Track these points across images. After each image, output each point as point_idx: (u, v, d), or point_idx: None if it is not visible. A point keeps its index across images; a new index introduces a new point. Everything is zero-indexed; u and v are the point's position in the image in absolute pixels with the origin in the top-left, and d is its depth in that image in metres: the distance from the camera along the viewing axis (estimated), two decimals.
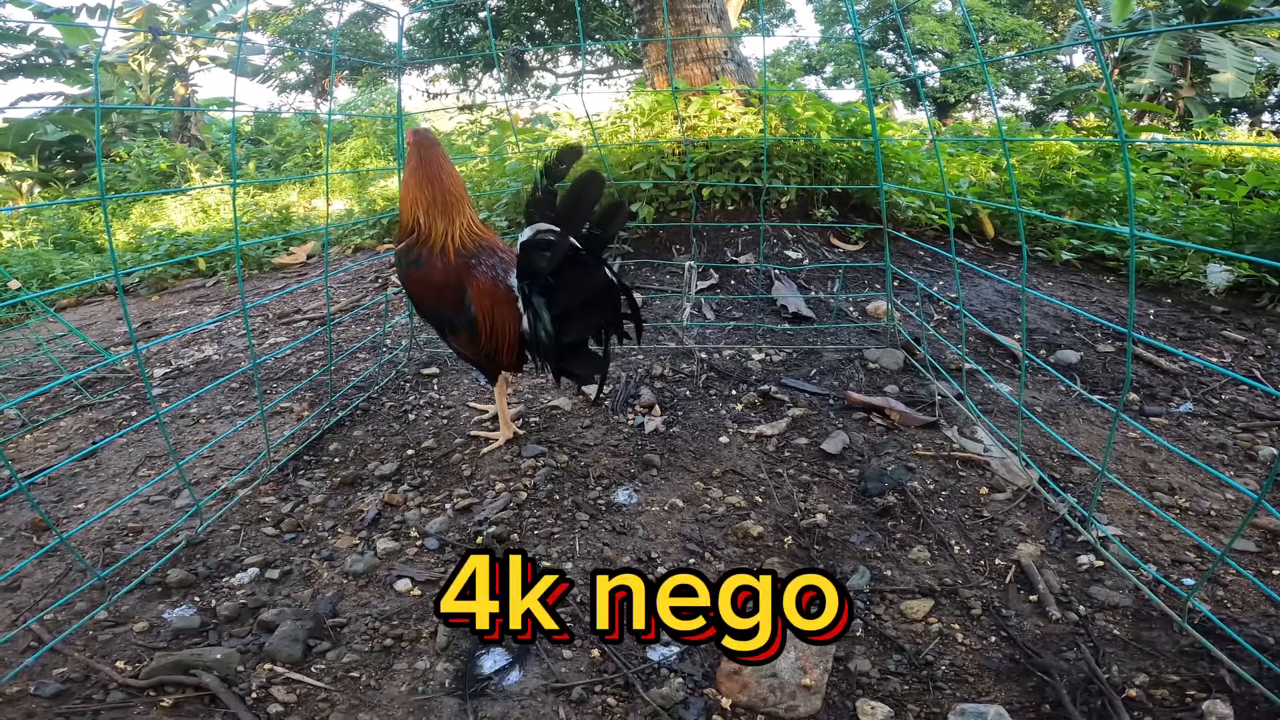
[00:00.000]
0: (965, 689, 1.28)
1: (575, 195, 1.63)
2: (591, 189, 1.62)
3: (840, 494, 1.84)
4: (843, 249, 3.64)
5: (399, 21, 3.14)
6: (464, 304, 1.89)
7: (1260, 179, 3.75)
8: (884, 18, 18.07)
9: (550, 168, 1.72)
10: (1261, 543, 1.63)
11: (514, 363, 1.94)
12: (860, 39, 2.71)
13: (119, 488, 2.00)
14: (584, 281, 1.68)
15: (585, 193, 1.63)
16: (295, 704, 1.26)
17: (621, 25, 13.07)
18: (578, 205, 1.63)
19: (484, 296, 1.87)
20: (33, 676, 1.31)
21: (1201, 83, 12.50)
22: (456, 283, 1.89)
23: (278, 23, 15.51)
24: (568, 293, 1.73)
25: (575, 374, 1.89)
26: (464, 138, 8.69)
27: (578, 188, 1.63)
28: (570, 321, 1.76)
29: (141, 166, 9.36)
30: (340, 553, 1.66)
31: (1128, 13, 10.59)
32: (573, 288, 1.71)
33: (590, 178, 1.62)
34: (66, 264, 5.29)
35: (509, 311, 1.86)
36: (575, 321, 1.75)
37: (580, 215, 1.64)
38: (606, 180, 2.16)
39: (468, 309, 1.88)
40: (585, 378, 1.95)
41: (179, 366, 2.92)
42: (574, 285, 1.70)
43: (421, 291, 1.96)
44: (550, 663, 1.34)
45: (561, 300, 1.74)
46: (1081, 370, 2.54)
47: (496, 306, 1.87)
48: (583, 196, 1.63)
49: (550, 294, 1.75)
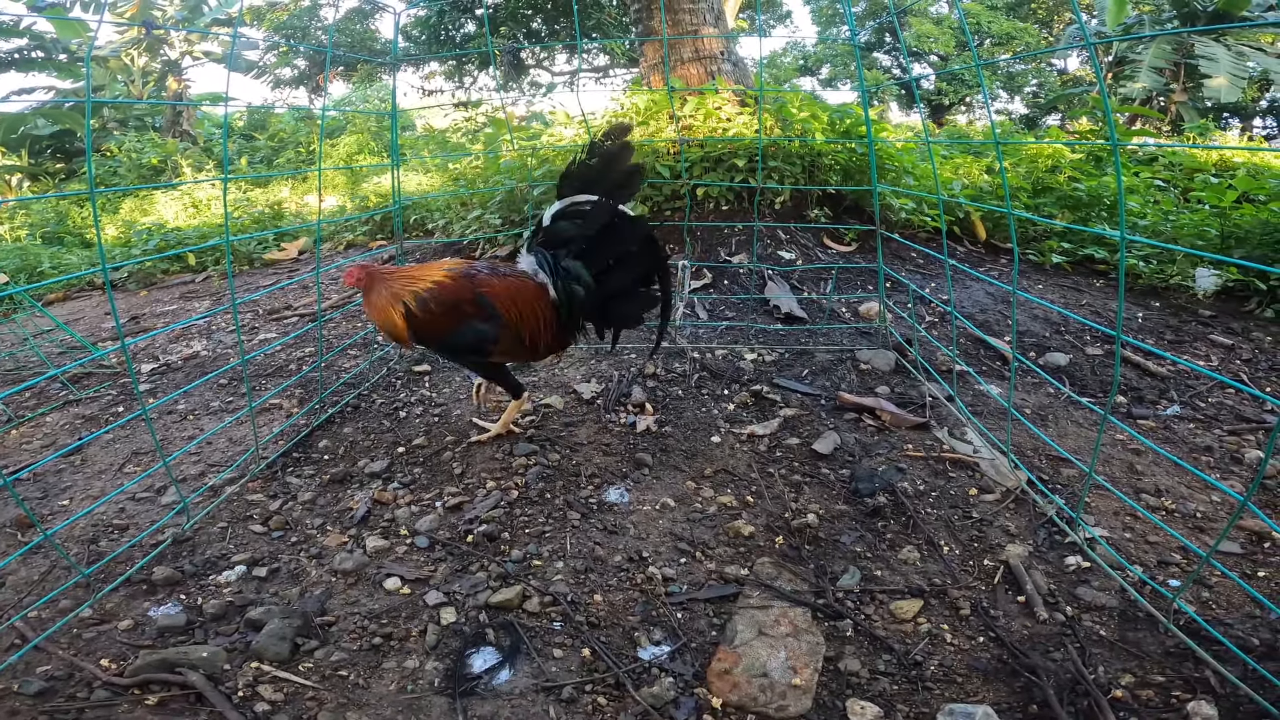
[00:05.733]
0: (954, 689, 1.28)
1: (605, 162, 1.84)
2: (623, 156, 1.83)
3: (831, 494, 1.85)
4: (836, 250, 3.64)
5: (395, 17, 3.12)
6: (488, 306, 1.88)
7: (1250, 184, 3.78)
8: (880, 20, 18.13)
9: (594, 145, 1.86)
10: (1247, 545, 1.64)
11: (556, 339, 1.98)
12: (856, 41, 2.72)
13: (105, 484, 1.98)
14: (626, 235, 1.86)
15: (616, 160, 1.83)
16: (283, 702, 1.25)
17: (618, 24, 13.05)
18: (606, 170, 1.84)
19: (497, 291, 1.91)
20: (16, 674, 1.30)
21: (1194, 87, 12.59)
22: (469, 293, 1.89)
23: (273, 18, 15.42)
24: (611, 246, 1.87)
25: (626, 315, 1.96)
26: (459, 135, 8.66)
27: (609, 154, 1.83)
28: (614, 273, 1.90)
29: (132, 161, 9.29)
30: (329, 551, 1.65)
31: (1123, 17, 10.67)
32: (614, 241, 1.87)
33: (623, 147, 1.83)
34: (55, 258, 5.25)
35: (528, 292, 1.92)
36: (619, 272, 1.90)
37: (608, 179, 1.84)
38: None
39: (493, 310, 1.88)
40: (635, 317, 1.98)
41: (167, 362, 2.90)
42: (615, 240, 1.87)
43: (444, 321, 1.88)
44: (540, 661, 1.34)
45: (603, 255, 1.88)
46: (1070, 373, 2.55)
47: (514, 295, 1.91)
48: (613, 163, 1.83)
49: (588, 255, 1.90)
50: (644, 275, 1.92)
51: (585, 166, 1.86)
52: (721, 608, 1.47)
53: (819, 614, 1.44)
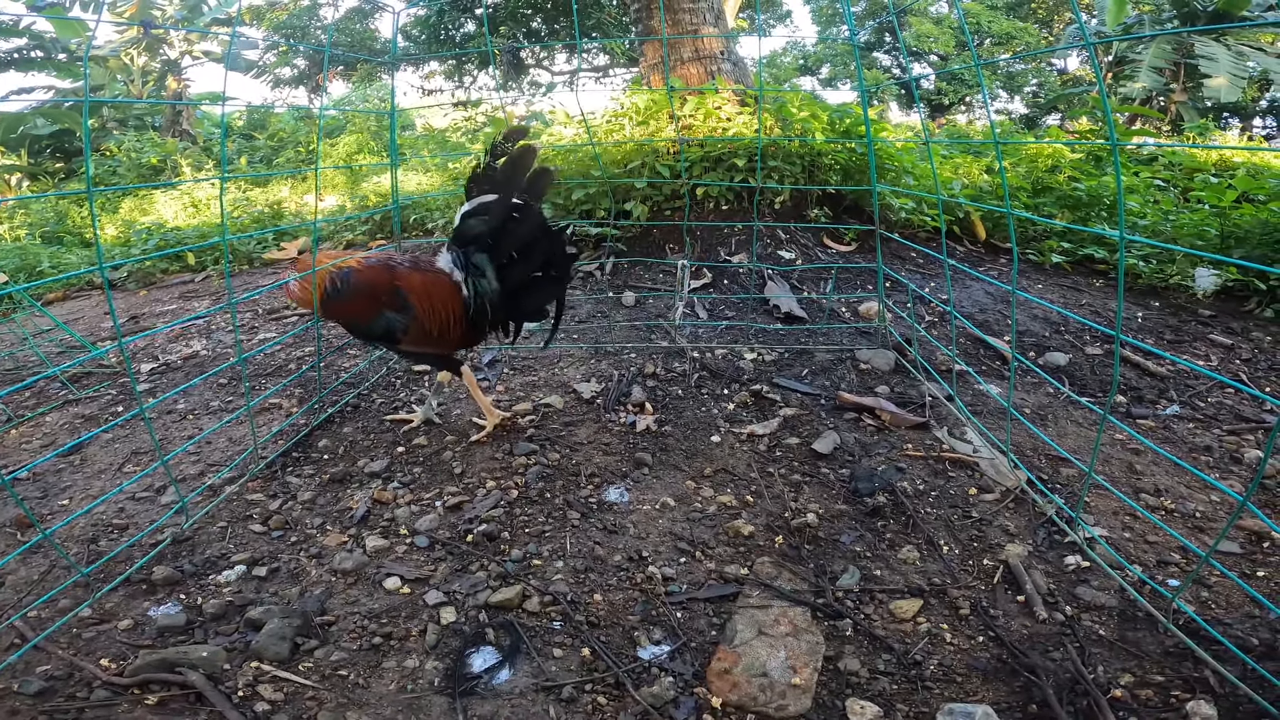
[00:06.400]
0: (953, 689, 1.28)
1: (512, 165, 1.92)
2: (526, 159, 1.91)
3: (831, 494, 1.85)
4: (835, 250, 3.64)
5: (394, 17, 3.11)
6: (402, 299, 1.95)
7: (1250, 184, 3.78)
8: (880, 19, 18.12)
9: (496, 146, 1.94)
10: (1246, 544, 1.64)
11: (464, 336, 2.04)
12: (856, 40, 2.72)
13: (104, 483, 1.98)
14: (523, 227, 1.94)
15: (520, 162, 1.91)
16: (282, 702, 1.25)
17: (618, 24, 13.04)
18: (514, 173, 1.91)
19: (414, 284, 1.97)
20: (16, 674, 1.30)
21: (1194, 87, 12.59)
22: (388, 282, 1.96)
23: (272, 17, 15.40)
24: (510, 240, 1.96)
25: (528, 310, 2.04)
26: (458, 135, 8.66)
27: (514, 158, 1.91)
28: (516, 265, 1.98)
29: (132, 161, 9.29)
30: (329, 550, 1.65)
31: (1123, 17, 10.66)
32: (513, 234, 1.95)
33: (525, 150, 1.91)
34: (54, 258, 5.25)
35: (442, 288, 1.98)
36: (520, 264, 1.98)
37: (516, 182, 1.91)
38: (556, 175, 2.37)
39: (406, 302, 1.95)
40: (539, 311, 2.08)
41: (166, 362, 2.90)
42: (514, 233, 1.95)
43: (359, 306, 1.97)
44: (540, 661, 1.34)
45: (505, 247, 1.97)
46: (1070, 372, 2.55)
47: (429, 288, 1.98)
48: (518, 166, 1.91)
49: (492, 250, 1.98)
50: (543, 264, 2.00)
51: (491, 169, 1.94)
52: (721, 607, 1.47)
53: (818, 613, 1.44)
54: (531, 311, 2.07)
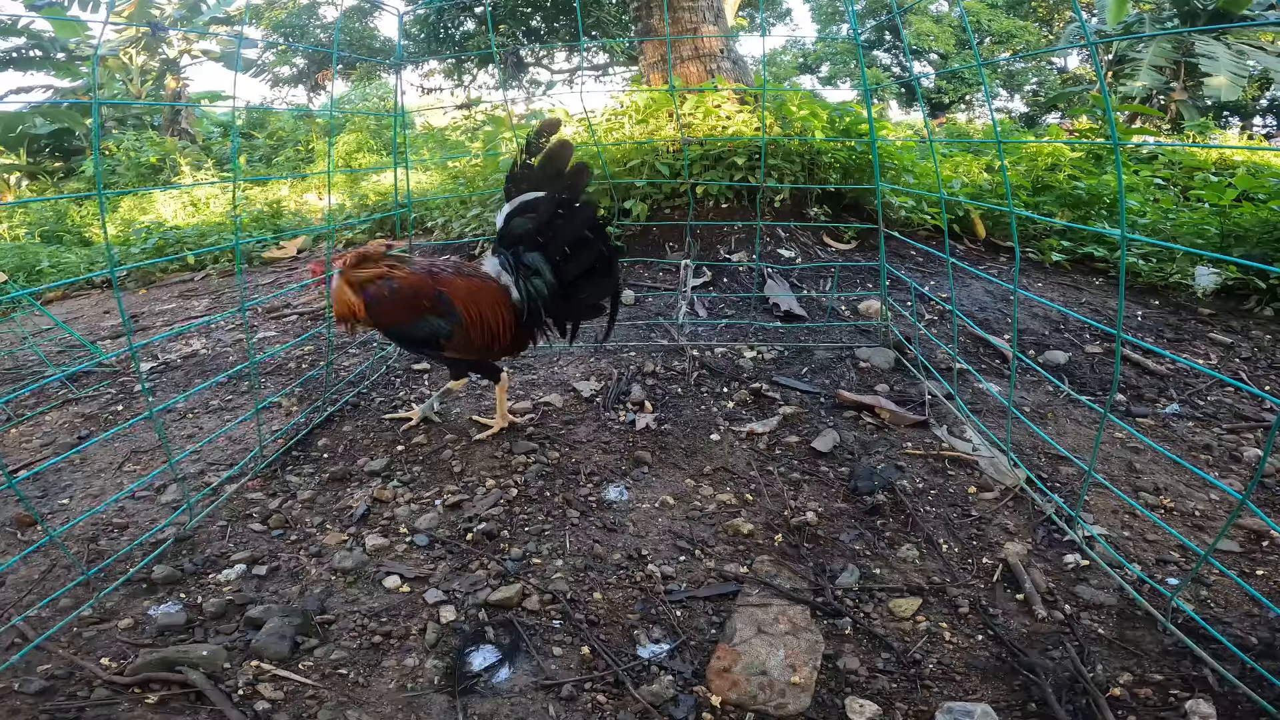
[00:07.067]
0: (952, 687, 1.28)
1: (549, 160, 1.87)
2: (564, 154, 1.85)
3: (830, 492, 1.85)
4: (835, 248, 3.64)
5: (398, 18, 3.11)
6: (446, 303, 1.92)
7: (1250, 182, 3.78)
8: (882, 18, 18.10)
9: (530, 143, 1.90)
10: (1245, 543, 1.64)
11: (513, 343, 2.00)
12: (859, 39, 2.71)
13: (104, 483, 1.98)
14: (573, 223, 1.88)
15: (557, 157, 1.86)
16: (283, 701, 1.26)
17: (618, 22, 13.03)
18: (552, 169, 1.86)
19: (458, 290, 1.94)
20: (17, 673, 1.30)
21: (1194, 86, 12.58)
22: (429, 286, 1.93)
23: (272, 17, 15.39)
24: (561, 236, 1.89)
25: (586, 306, 1.99)
26: (459, 134, 8.65)
27: (550, 153, 1.86)
28: (570, 261, 1.92)
29: (131, 160, 9.29)
30: (329, 549, 1.65)
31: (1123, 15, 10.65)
32: (564, 230, 1.89)
33: (562, 145, 1.86)
34: (53, 257, 5.25)
35: (489, 295, 1.94)
36: (574, 259, 1.92)
37: (557, 178, 1.86)
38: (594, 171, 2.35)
39: (451, 308, 1.92)
40: (596, 307, 2.02)
41: (166, 361, 2.90)
42: (565, 229, 1.89)
43: (401, 309, 1.94)
44: (540, 660, 1.34)
45: (558, 243, 1.90)
46: (1070, 371, 2.55)
47: (474, 295, 1.94)
48: (555, 162, 1.85)
49: (544, 247, 1.91)
50: (598, 258, 1.94)
51: (527, 167, 1.90)
52: (721, 606, 1.47)
53: (818, 612, 1.44)
54: (588, 308, 2.00)
